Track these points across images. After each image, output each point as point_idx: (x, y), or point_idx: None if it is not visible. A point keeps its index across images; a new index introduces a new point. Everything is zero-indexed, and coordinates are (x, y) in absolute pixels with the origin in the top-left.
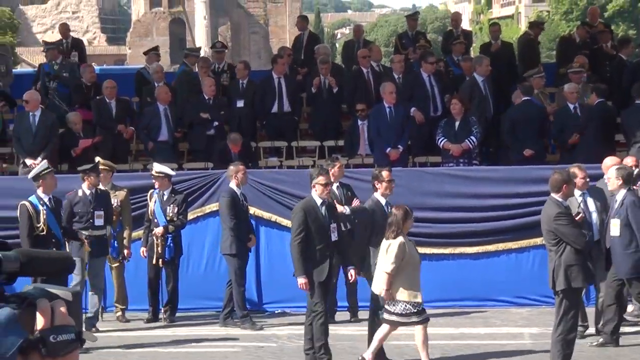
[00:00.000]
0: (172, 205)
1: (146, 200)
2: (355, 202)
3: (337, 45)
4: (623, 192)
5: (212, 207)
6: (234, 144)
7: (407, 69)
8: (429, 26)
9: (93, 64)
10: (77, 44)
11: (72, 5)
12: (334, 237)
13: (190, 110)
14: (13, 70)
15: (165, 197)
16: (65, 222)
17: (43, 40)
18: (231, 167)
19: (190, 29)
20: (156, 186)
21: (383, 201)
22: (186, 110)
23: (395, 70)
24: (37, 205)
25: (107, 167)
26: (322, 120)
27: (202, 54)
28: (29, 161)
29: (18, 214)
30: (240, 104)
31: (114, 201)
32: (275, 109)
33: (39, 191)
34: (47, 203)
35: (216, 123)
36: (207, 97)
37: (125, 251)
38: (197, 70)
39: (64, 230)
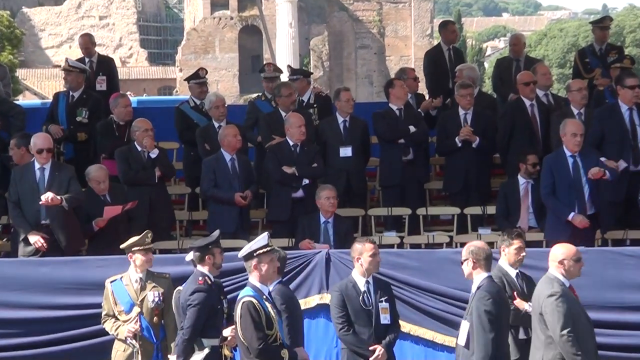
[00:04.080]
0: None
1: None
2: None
3: (485, 65)
4: None
5: (306, 302)
6: (327, 199)
7: (592, 99)
8: (627, 37)
9: (129, 93)
10: (105, 65)
11: (100, 7)
12: None
13: (269, 163)
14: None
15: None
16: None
17: (67, 58)
18: (356, 245)
19: (270, 42)
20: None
21: None
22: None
23: (574, 102)
24: (262, 302)
25: (144, 247)
26: (462, 177)
27: (284, 78)
28: (32, 238)
29: (239, 317)
30: (346, 152)
31: (153, 295)
32: (393, 154)
33: (254, 279)
34: (270, 298)
35: (306, 181)
36: (292, 143)
37: None
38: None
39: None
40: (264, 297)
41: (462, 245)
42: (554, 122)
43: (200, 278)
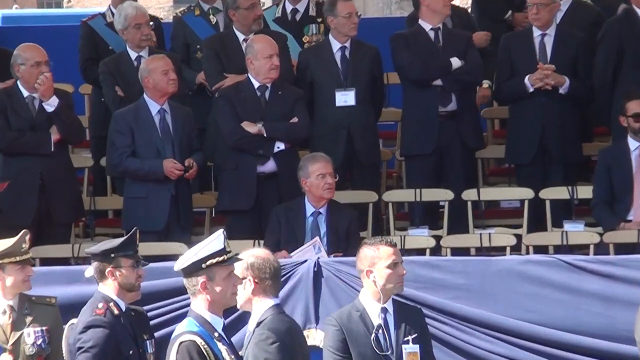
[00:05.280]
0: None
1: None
2: None
3: None
4: None
5: None
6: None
7: None
8: None
9: None
10: None
11: None
12: None
13: (221, 117)
14: None
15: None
16: None
17: None
18: (365, 251)
19: None
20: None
21: None
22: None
23: None
24: (211, 342)
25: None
26: (537, 139)
27: None
28: None
29: None
30: (345, 98)
31: (34, 334)
32: (425, 103)
33: (200, 305)
34: (225, 337)
35: (280, 146)
36: (257, 85)
37: None
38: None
39: None
40: (216, 335)
41: (537, 250)
42: None
43: (100, 305)
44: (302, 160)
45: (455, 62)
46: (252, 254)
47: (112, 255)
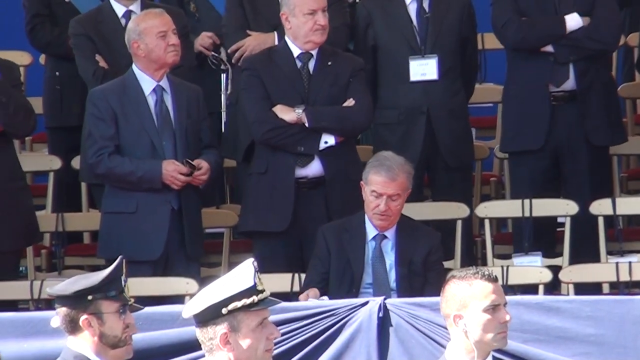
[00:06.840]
0: None
1: None
2: None
3: None
4: None
5: None
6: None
7: None
8: None
9: None
10: None
11: None
12: None
13: (246, 97)
14: None
15: None
16: None
17: None
18: (452, 288)
19: None
20: None
21: None
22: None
23: None
24: None
25: None
26: None
27: None
28: None
29: None
30: (424, 70)
31: None
32: (533, 79)
33: None
34: None
35: (329, 140)
36: (297, 53)
37: None
38: None
39: None
40: None
41: None
42: None
43: None
44: (370, 160)
45: (574, 20)
46: None
47: (89, 297)
